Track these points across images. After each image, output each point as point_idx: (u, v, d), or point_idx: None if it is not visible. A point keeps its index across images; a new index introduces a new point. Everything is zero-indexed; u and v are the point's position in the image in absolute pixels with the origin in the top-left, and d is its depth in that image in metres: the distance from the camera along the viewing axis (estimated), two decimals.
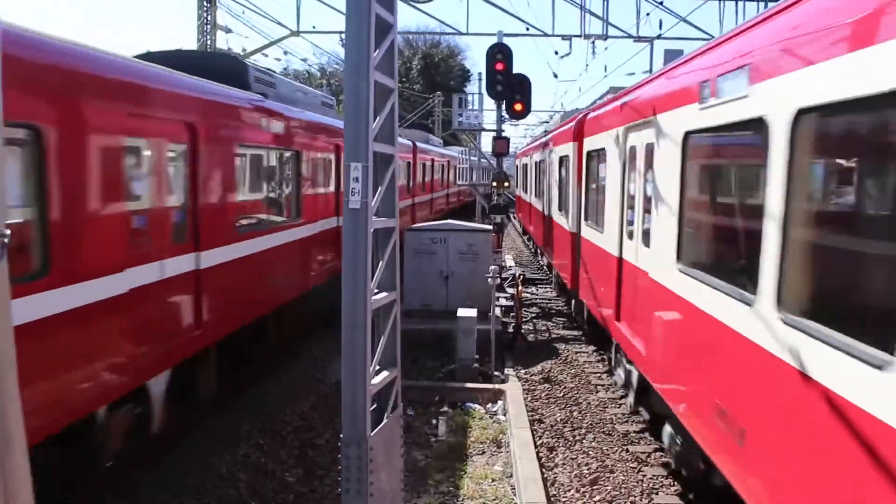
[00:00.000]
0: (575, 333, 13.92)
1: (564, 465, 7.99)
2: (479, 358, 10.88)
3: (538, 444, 8.42)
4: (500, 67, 16.49)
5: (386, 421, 5.53)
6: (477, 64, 67.23)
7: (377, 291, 5.38)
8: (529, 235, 27.06)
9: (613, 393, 10.44)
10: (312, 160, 12.01)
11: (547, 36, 21.95)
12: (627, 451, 8.36)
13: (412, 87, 56.21)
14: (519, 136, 63.11)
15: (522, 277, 15.06)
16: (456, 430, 8.81)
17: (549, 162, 18.37)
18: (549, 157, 18.36)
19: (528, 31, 21.94)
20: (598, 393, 10.48)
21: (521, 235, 34.67)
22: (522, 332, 13.46)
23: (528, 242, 30.29)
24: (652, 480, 7.59)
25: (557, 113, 48.34)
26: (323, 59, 55.17)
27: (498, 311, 12.21)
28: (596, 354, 12.39)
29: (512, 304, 14.19)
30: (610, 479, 7.61)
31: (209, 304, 8.11)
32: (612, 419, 9.39)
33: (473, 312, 10.99)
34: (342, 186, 7.16)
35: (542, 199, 20.49)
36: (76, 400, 5.91)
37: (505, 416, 9.29)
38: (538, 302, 17.11)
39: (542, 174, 20.69)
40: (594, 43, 22.34)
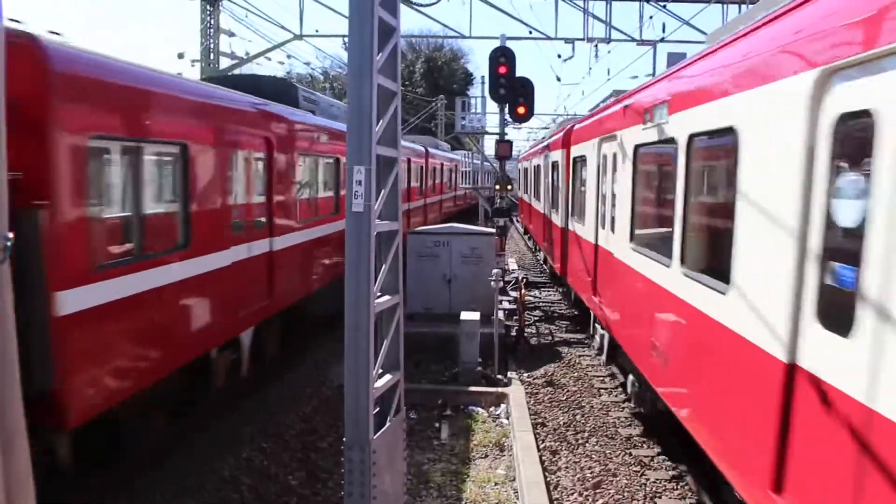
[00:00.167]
0: (578, 337, 13.91)
1: (567, 468, 7.98)
2: (482, 361, 10.88)
3: (541, 447, 8.42)
4: (502, 71, 16.49)
5: (389, 424, 5.53)
6: (480, 67, 67.17)
7: (380, 295, 5.39)
8: (531, 235, 28.85)
9: (616, 396, 10.44)
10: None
11: (550, 39, 21.99)
12: (630, 454, 8.35)
13: (415, 90, 56.25)
14: (522, 139, 63.24)
15: (525, 281, 15.06)
16: (459, 433, 8.81)
17: (543, 167, 20.76)
18: (544, 162, 20.74)
19: (531, 34, 22.05)
20: (601, 396, 10.47)
21: (522, 237, 34.67)
22: (525, 335, 13.46)
23: (530, 245, 30.35)
24: (655, 484, 7.58)
25: (560, 116, 48.48)
26: (326, 62, 55.23)
27: (501, 314, 12.19)
28: (598, 358, 12.38)
29: (515, 307, 14.19)
30: (613, 482, 7.61)
31: (278, 279, 10.09)
32: (615, 423, 9.38)
33: (476, 316, 10.99)
34: None
35: (539, 200, 22.53)
36: (203, 339, 8.10)
37: (508, 419, 9.28)
38: (541, 305, 17.11)
39: (539, 178, 22.60)
40: (597, 46, 22.33)
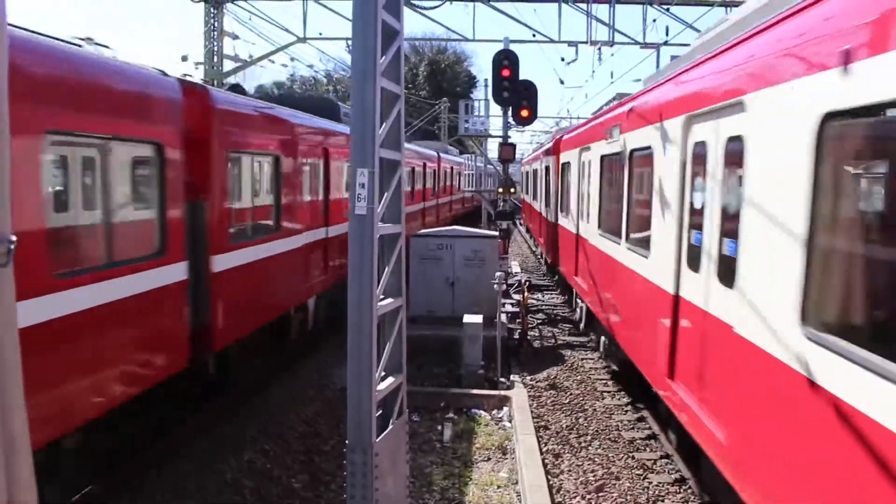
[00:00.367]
0: (581, 340, 13.90)
1: (570, 471, 7.97)
2: (484, 364, 10.87)
3: (544, 450, 8.41)
4: (506, 73, 16.48)
5: (391, 427, 5.52)
6: (483, 70, 66.98)
7: (383, 297, 5.39)
8: (533, 236, 31.09)
9: (619, 400, 10.42)
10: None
11: (553, 42, 21.99)
12: (633, 457, 8.33)
13: (418, 93, 56.23)
14: (525, 142, 63.07)
15: (528, 283, 15.04)
16: (461, 436, 8.80)
17: (539, 171, 24.06)
18: (539, 166, 24.13)
19: (534, 37, 22.02)
20: (603, 400, 10.45)
21: (526, 241, 34.64)
22: (528, 338, 13.46)
23: (533, 248, 30.34)
24: (658, 488, 7.56)
25: (564, 119, 48.49)
26: (329, 65, 55.23)
27: (504, 317, 12.18)
28: (601, 361, 12.37)
29: (518, 310, 14.18)
30: (616, 486, 7.59)
31: (331, 260, 12.83)
32: (617, 426, 9.36)
33: (479, 318, 10.99)
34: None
35: (537, 200, 25.56)
36: (288, 299, 10.95)
37: (510, 422, 9.28)
38: (544, 308, 17.10)
39: (538, 180, 25.24)
40: (600, 49, 22.31)
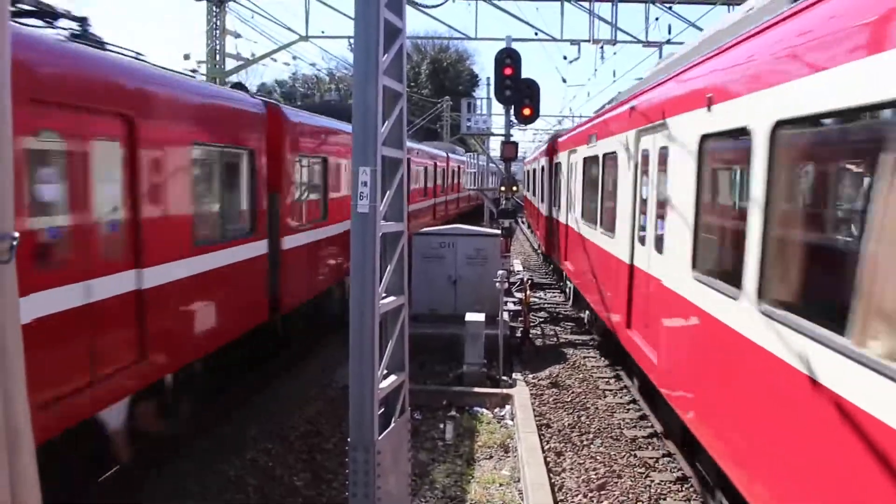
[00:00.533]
0: (584, 338, 13.90)
1: (572, 469, 7.97)
2: (486, 362, 10.87)
3: (546, 448, 8.41)
4: (508, 72, 16.45)
5: (393, 425, 5.53)
6: (485, 68, 66.94)
7: (385, 295, 5.39)
8: (531, 229, 34.18)
9: (622, 398, 10.42)
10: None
11: (556, 41, 21.98)
12: (635, 456, 8.33)
13: (421, 91, 56.21)
14: (527, 140, 62.99)
15: (531, 282, 15.05)
16: (464, 434, 8.80)
17: (537, 169, 27.37)
18: (537, 165, 27.52)
19: (536, 35, 22.01)
20: (605, 398, 10.46)
21: (528, 239, 34.66)
22: (530, 336, 13.45)
23: (535, 246, 30.32)
24: (660, 486, 7.57)
25: (566, 118, 48.46)
26: (332, 63, 55.34)
27: (506, 315, 12.17)
28: (603, 360, 12.38)
29: (520, 308, 14.18)
30: (618, 484, 7.60)
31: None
32: (619, 424, 9.37)
33: (481, 317, 10.98)
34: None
35: (536, 196, 28.40)
36: (330, 278, 12.94)
37: (513, 420, 9.28)
38: (546, 307, 17.10)
39: (536, 178, 28.16)
40: (603, 48, 22.29)
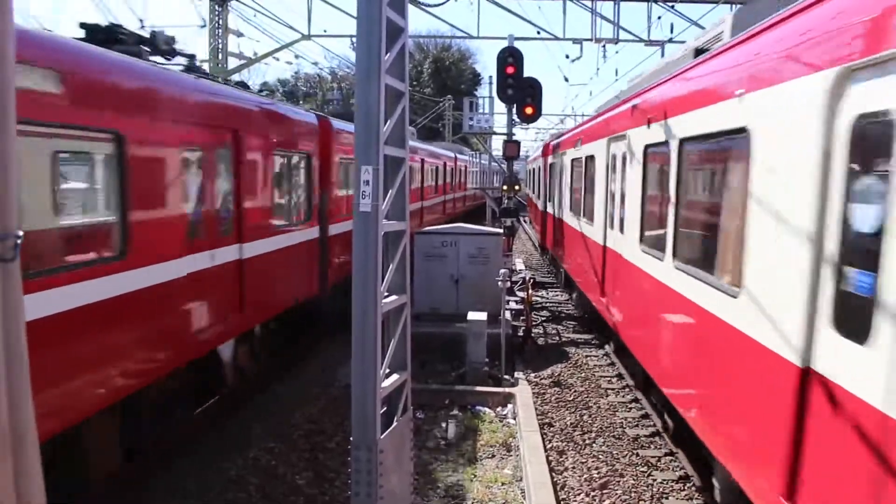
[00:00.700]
0: (586, 337, 13.90)
1: (574, 468, 7.97)
2: (488, 361, 10.88)
3: (548, 447, 8.41)
4: (510, 71, 16.47)
5: (396, 424, 5.53)
6: (488, 67, 67.22)
7: (387, 294, 5.39)
8: (532, 224, 36.69)
9: (624, 397, 10.42)
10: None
11: (558, 40, 21.94)
12: (637, 455, 8.33)
13: (423, 90, 56.22)
14: (530, 139, 63.01)
15: (533, 281, 15.05)
16: (466, 433, 8.81)
17: (536, 169, 30.67)
18: (536, 166, 30.89)
19: (538, 34, 21.96)
20: (608, 397, 10.45)
21: (530, 238, 34.67)
22: (532, 335, 13.45)
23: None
24: (662, 485, 7.56)
25: (568, 116, 48.44)
26: (334, 62, 55.42)
27: (508, 314, 12.18)
28: (606, 358, 12.37)
29: (522, 307, 14.18)
30: (620, 483, 7.60)
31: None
32: (622, 423, 9.36)
33: (483, 316, 10.98)
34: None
35: (535, 193, 31.51)
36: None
37: (515, 419, 9.28)
38: (548, 306, 17.10)
39: (535, 177, 31.51)
40: (605, 47, 22.24)
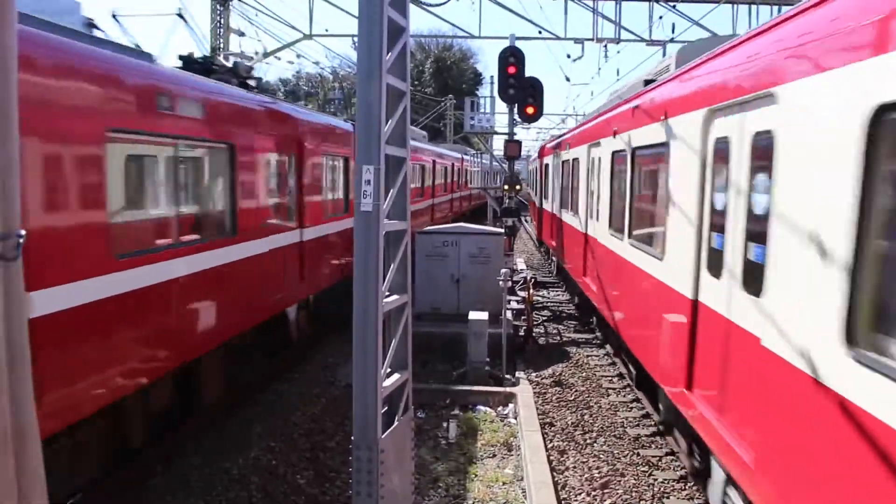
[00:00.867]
0: (587, 336, 13.90)
1: (575, 468, 7.97)
2: (489, 361, 10.88)
3: (549, 447, 8.41)
4: (512, 70, 16.48)
5: (397, 424, 5.53)
6: (489, 67, 67.12)
7: (388, 294, 5.39)
8: (531, 221, 39.13)
9: (625, 396, 10.42)
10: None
11: (559, 39, 21.91)
12: (638, 454, 8.33)
13: (424, 90, 56.22)
14: (531, 139, 63.01)
15: (534, 280, 15.05)
16: (467, 433, 8.81)
17: (533, 170, 34.29)
18: (534, 166, 33.35)
19: (540, 34, 21.93)
20: (609, 396, 10.45)
21: (531, 237, 34.71)
22: (534, 335, 13.45)
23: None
24: (663, 484, 7.56)
25: (570, 116, 48.43)
26: (335, 62, 55.48)
27: (509, 314, 12.18)
28: (607, 358, 12.36)
29: (523, 307, 14.18)
30: (621, 482, 7.60)
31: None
32: (623, 423, 9.36)
33: (484, 315, 10.98)
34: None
35: (533, 192, 34.08)
36: None
37: (516, 419, 9.28)
38: (549, 305, 17.10)
39: (533, 177, 33.99)
40: (606, 46, 22.21)
